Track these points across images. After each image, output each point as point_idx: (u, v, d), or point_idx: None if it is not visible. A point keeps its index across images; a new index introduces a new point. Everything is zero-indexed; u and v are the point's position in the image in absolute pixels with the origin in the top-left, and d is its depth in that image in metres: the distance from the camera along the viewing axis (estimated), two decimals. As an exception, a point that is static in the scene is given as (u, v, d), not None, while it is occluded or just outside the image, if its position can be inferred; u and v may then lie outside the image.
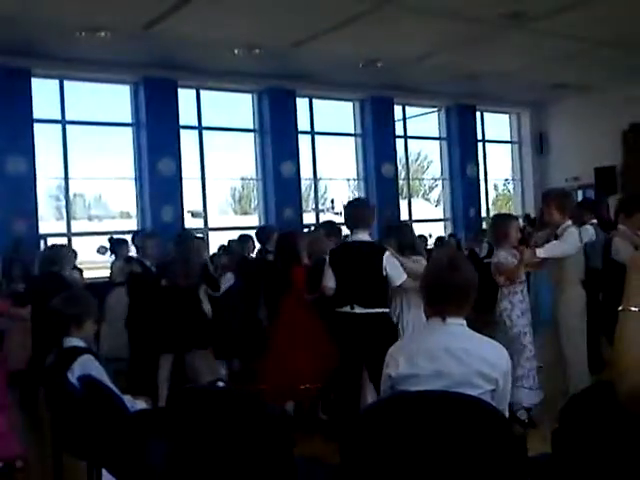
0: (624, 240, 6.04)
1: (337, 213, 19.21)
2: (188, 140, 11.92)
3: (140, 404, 3.74)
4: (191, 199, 12.09)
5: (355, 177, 14.25)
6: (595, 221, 7.31)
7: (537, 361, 5.73)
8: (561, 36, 10.19)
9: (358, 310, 5.29)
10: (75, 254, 8.34)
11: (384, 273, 5.29)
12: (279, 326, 6.17)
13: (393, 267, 5.34)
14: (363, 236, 5.46)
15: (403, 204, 14.58)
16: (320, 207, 14.89)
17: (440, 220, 15.47)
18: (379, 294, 5.37)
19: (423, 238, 12.17)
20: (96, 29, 9.06)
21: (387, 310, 5.47)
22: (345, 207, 5.85)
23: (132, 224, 11.72)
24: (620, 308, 1.52)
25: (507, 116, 16.55)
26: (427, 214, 19.02)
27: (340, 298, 5.42)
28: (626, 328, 1.51)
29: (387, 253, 5.36)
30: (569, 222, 5.60)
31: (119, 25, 8.98)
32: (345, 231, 6.60)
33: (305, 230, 12.43)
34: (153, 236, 7.90)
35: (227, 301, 7.56)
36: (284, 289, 6.23)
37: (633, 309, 1.50)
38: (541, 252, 5.42)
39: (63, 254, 7.23)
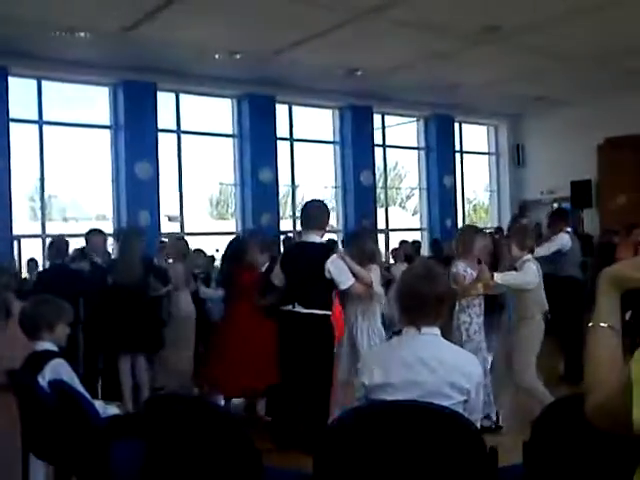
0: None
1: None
2: (166, 144, 11.87)
3: (112, 409, 3.71)
4: (168, 203, 12.03)
5: (333, 185, 14.27)
6: (570, 229, 7.37)
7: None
8: (538, 50, 10.31)
9: (298, 309, 5.30)
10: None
11: (328, 276, 5.24)
12: (226, 326, 6.29)
13: (338, 271, 5.27)
14: (314, 237, 5.42)
15: (380, 212, 14.63)
16: (297, 214, 14.89)
17: (417, 229, 15.53)
18: (321, 296, 5.32)
19: (417, 244, 12.28)
20: (75, 30, 9.00)
21: (328, 313, 5.37)
22: (302, 208, 5.88)
23: (108, 226, 11.62)
24: (590, 324, 1.54)
25: (485, 128, 16.69)
26: (404, 223, 19.08)
27: (285, 297, 5.45)
28: (594, 344, 1.53)
29: (333, 256, 5.32)
30: (528, 256, 5.70)
31: (99, 27, 8.94)
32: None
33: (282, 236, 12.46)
34: (99, 233, 7.74)
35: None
36: (232, 292, 6.36)
37: (602, 325, 1.52)
38: (498, 278, 5.44)
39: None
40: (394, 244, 12.68)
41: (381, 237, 14.30)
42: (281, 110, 13.05)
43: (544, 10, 8.66)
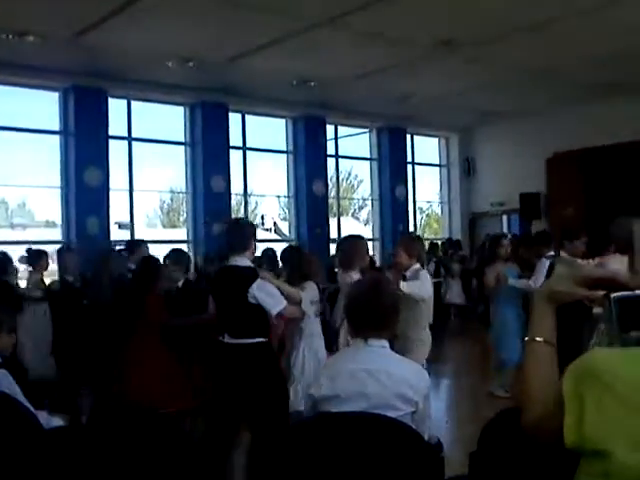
0: (566, 267, 6.07)
1: (267, 229, 19.23)
2: (117, 150, 11.73)
3: (56, 421, 3.63)
4: (118, 210, 11.89)
5: (286, 194, 14.27)
6: (552, 253, 7.35)
7: None
8: (489, 64, 10.48)
9: (228, 340, 4.87)
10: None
11: (253, 301, 4.77)
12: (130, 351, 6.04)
13: (266, 295, 4.81)
14: (237, 260, 4.93)
15: (333, 222, 14.66)
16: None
17: (369, 240, 15.59)
18: (251, 323, 4.85)
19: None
20: (25, 33, 8.84)
21: (262, 340, 4.88)
22: (225, 229, 5.51)
23: (57, 234, 11.45)
24: (526, 338, 1.57)
25: (436, 140, 16.87)
26: (356, 232, 19.15)
27: (217, 326, 5.05)
28: (530, 359, 1.56)
29: (258, 281, 4.82)
30: (417, 265, 5.71)
31: (50, 31, 8.79)
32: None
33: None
34: (71, 250, 7.58)
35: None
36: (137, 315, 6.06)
37: (538, 339, 1.54)
38: (404, 286, 5.34)
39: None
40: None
41: (333, 247, 14.33)
42: (234, 119, 13.01)
43: (495, 25, 8.81)
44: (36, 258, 8.03)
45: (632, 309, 1.41)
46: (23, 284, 7.99)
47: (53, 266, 8.29)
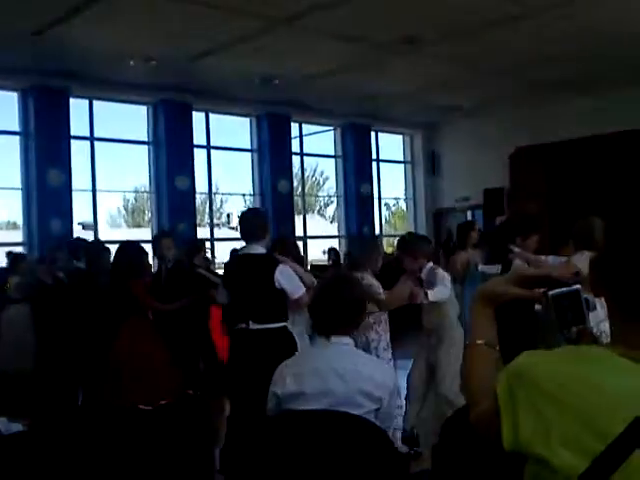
0: (523, 262, 6.05)
1: (233, 228, 19.18)
2: (79, 151, 11.60)
3: (16, 426, 3.59)
4: (82, 211, 11.77)
5: (251, 192, 14.24)
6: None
7: None
8: (452, 61, 10.55)
9: (254, 326, 5.02)
10: None
11: (277, 286, 5.00)
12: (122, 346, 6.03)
13: (289, 280, 5.05)
14: (256, 248, 5.15)
15: (298, 220, 14.66)
16: (216, 221, 14.80)
17: (335, 237, 15.63)
18: (275, 308, 5.07)
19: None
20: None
21: (285, 324, 5.13)
22: (239, 219, 5.59)
23: (18, 235, 11.30)
24: (467, 342, 1.57)
25: (401, 136, 16.94)
26: (322, 230, 19.22)
27: (235, 315, 5.16)
28: (471, 361, 1.57)
29: (281, 266, 5.07)
30: (429, 264, 5.64)
31: (5, 30, 8.64)
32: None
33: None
34: (62, 249, 7.64)
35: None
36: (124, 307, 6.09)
37: (478, 342, 1.55)
38: (431, 295, 5.23)
39: None
40: (313, 251, 12.80)
41: (299, 244, 14.33)
42: (198, 117, 12.94)
43: (457, 21, 8.87)
44: (16, 262, 8.41)
45: (570, 305, 1.42)
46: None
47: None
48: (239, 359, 5.13)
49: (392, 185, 17.04)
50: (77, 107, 11.50)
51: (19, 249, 10.09)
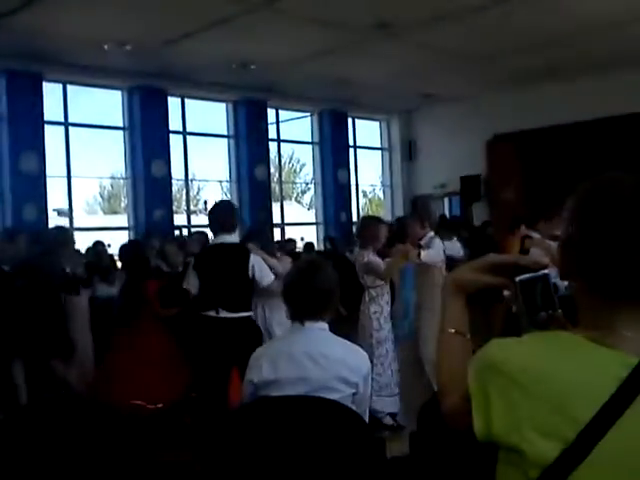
0: (542, 250, 5.97)
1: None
2: (54, 136, 11.47)
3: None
4: (57, 197, 11.65)
5: (227, 179, 14.17)
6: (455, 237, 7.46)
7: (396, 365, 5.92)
8: (428, 47, 10.54)
9: (223, 314, 5.17)
10: None
11: (250, 275, 5.24)
12: (125, 344, 6.10)
13: (261, 268, 5.31)
14: (228, 238, 5.34)
15: (275, 207, 14.63)
16: (193, 208, 14.73)
17: (312, 224, 15.62)
18: (244, 298, 5.30)
19: (292, 242, 12.27)
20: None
21: (251, 314, 5.41)
22: (209, 211, 5.77)
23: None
24: (439, 330, 1.56)
25: (377, 123, 16.93)
26: (299, 217, 19.21)
27: (205, 302, 5.28)
28: (442, 350, 1.56)
29: (252, 254, 5.33)
30: (431, 233, 5.81)
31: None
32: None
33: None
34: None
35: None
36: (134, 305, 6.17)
37: (450, 331, 1.54)
38: (424, 256, 5.56)
39: None
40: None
41: (277, 232, 14.32)
42: (173, 103, 12.83)
43: (434, 7, 8.85)
44: None
45: (537, 290, 1.41)
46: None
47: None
48: (206, 345, 5.24)
49: (369, 172, 17.07)
50: (51, 92, 11.36)
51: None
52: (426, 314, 5.69)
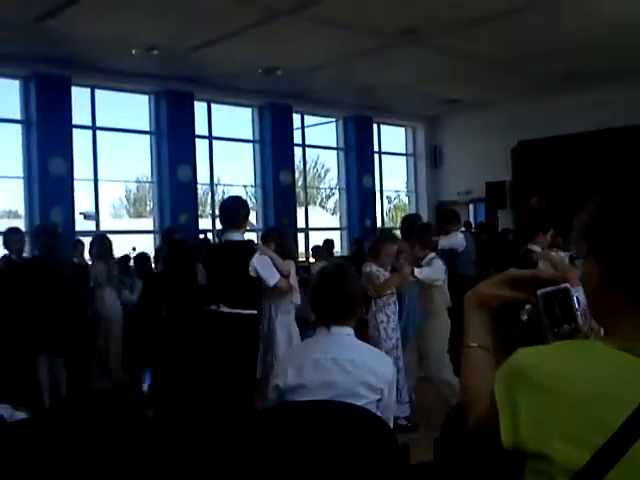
0: (546, 262, 6.04)
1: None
2: (81, 140, 11.57)
3: (20, 414, 3.59)
4: (83, 201, 11.75)
5: (252, 183, 14.21)
6: (463, 229, 7.53)
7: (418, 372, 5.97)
8: (454, 53, 10.52)
9: (223, 309, 5.23)
10: None
11: (253, 274, 5.22)
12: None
13: (265, 267, 5.28)
14: (234, 235, 5.35)
15: (300, 212, 14.65)
16: (217, 212, 14.77)
17: (336, 229, 15.62)
18: (247, 295, 5.27)
19: (330, 243, 12.29)
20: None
21: (254, 312, 5.34)
22: (220, 206, 5.81)
23: (20, 224, 11.26)
24: (464, 345, 1.57)
25: (403, 129, 16.91)
26: (324, 222, 19.19)
27: (209, 296, 5.38)
28: (466, 364, 1.57)
29: (257, 254, 5.30)
30: (432, 254, 5.90)
31: (6, 17, 8.57)
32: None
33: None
34: (18, 230, 7.58)
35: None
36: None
37: (472, 345, 1.55)
38: (418, 273, 5.62)
39: None
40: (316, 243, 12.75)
41: (301, 236, 14.34)
42: (200, 108, 12.91)
43: (461, 13, 8.84)
44: None
45: (559, 303, 1.42)
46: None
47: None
48: (204, 339, 5.38)
49: (394, 178, 17.04)
50: (79, 96, 11.47)
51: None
52: (425, 332, 5.86)
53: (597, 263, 1.32)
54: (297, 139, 14.49)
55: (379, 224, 15.75)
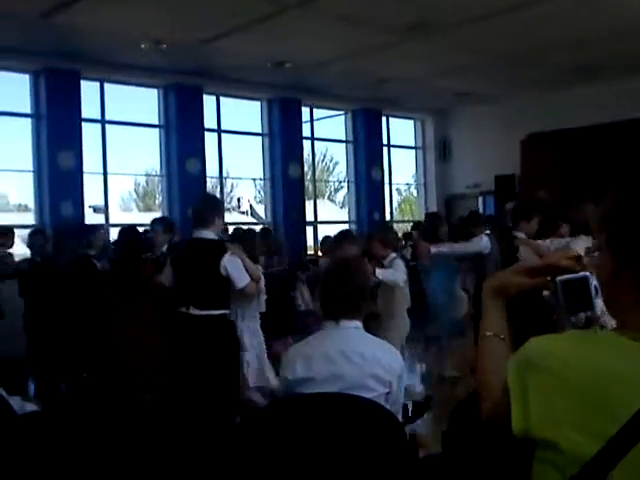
0: (528, 248, 6.25)
1: (243, 212, 19.18)
2: (91, 133, 11.61)
3: (30, 406, 3.61)
4: (93, 194, 11.78)
5: (261, 177, 14.22)
6: (488, 232, 7.52)
7: None
8: (464, 46, 10.47)
9: (193, 311, 5.01)
10: None
11: (223, 273, 5.01)
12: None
13: (235, 268, 5.04)
14: (204, 233, 5.12)
15: (309, 205, 14.65)
16: (226, 206, 14.80)
17: (345, 222, 15.60)
18: (217, 295, 5.06)
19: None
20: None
21: (227, 312, 5.15)
22: (193, 204, 5.63)
23: (30, 218, 11.33)
24: (480, 335, 1.58)
25: (412, 122, 16.87)
26: (332, 216, 19.20)
27: (178, 298, 5.14)
28: (481, 352, 1.58)
29: (228, 254, 5.05)
30: (393, 254, 5.92)
31: (15, 10, 8.57)
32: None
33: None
34: (42, 231, 7.64)
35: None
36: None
37: (488, 334, 1.56)
38: (379, 274, 5.58)
39: None
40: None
41: (309, 230, 14.35)
42: (208, 101, 12.91)
43: (470, 6, 8.80)
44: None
45: (577, 290, 1.44)
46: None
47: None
48: (178, 343, 5.07)
49: (403, 171, 17.01)
50: (88, 89, 11.49)
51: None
52: (385, 330, 5.74)
53: (612, 254, 1.33)
54: (306, 132, 14.48)
55: (388, 217, 15.73)
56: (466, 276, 7.89)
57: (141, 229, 8.71)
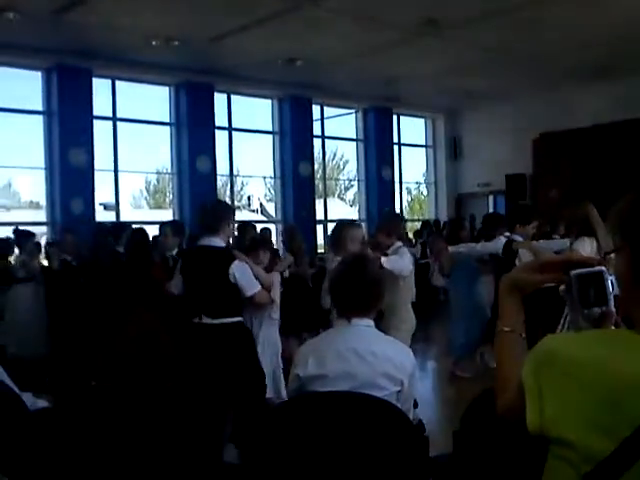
0: (528, 250, 6.27)
1: (253, 210, 19.20)
2: (102, 131, 11.64)
3: (42, 402, 3.61)
4: (104, 191, 11.83)
5: (272, 175, 14.23)
6: (508, 234, 7.49)
7: None
8: (475, 45, 10.45)
9: (206, 321, 4.89)
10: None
11: (232, 281, 4.86)
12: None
13: (244, 276, 4.90)
14: (212, 241, 4.96)
15: (319, 203, 14.65)
16: (237, 204, 14.82)
17: (355, 221, 15.57)
18: (229, 302, 4.92)
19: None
20: (4, 9, 8.62)
21: (240, 319, 5.00)
22: (200, 209, 5.55)
23: (41, 215, 11.38)
24: (497, 330, 1.59)
25: (423, 120, 16.84)
26: (342, 214, 19.18)
27: (189, 308, 5.02)
28: (499, 348, 1.58)
29: (236, 261, 4.91)
30: (399, 243, 5.80)
31: (30, 7, 8.60)
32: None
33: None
34: (71, 230, 7.67)
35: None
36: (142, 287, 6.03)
37: (505, 329, 1.56)
38: (385, 262, 5.37)
39: None
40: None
41: (320, 228, 14.35)
42: (219, 99, 12.93)
43: (481, 6, 8.78)
44: (23, 240, 8.09)
45: (592, 285, 1.43)
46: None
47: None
48: (192, 353, 4.85)
49: (413, 169, 17.00)
50: (100, 87, 11.53)
51: (42, 229, 10.15)
52: (389, 324, 5.51)
53: (630, 255, 1.32)
54: (316, 130, 14.48)
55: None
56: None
57: (151, 228, 8.76)
